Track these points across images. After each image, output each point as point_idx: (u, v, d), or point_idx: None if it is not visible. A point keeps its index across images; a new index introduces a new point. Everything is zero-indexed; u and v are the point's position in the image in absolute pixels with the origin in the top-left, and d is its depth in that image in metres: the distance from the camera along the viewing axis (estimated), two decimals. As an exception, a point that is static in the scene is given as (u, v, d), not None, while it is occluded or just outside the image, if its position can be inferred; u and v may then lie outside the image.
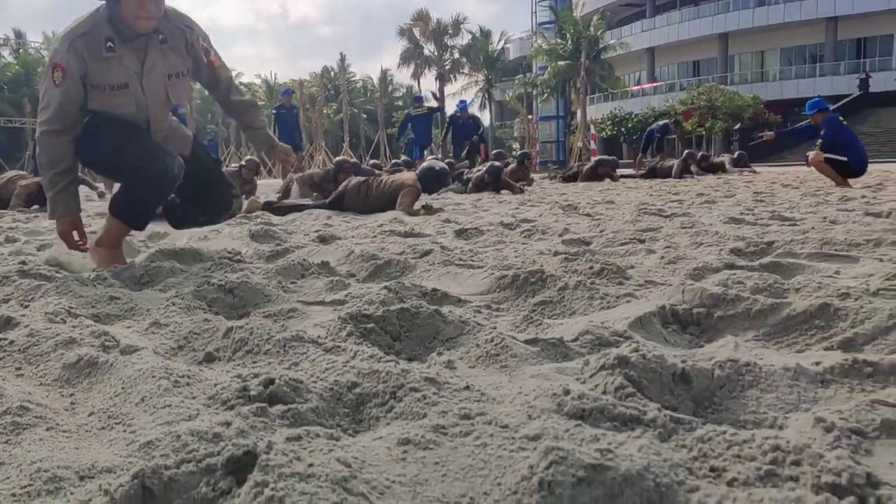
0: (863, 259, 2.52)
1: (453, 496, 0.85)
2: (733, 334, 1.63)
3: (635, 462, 0.79)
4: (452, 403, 1.11)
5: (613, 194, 8.36)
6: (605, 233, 3.78)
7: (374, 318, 1.65)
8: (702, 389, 1.21)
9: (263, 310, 1.97)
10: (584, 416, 1.03)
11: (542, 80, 40.30)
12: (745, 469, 0.81)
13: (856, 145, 8.79)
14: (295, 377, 1.18)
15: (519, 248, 3.28)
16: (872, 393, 1.17)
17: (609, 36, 40.12)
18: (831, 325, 1.58)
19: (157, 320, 1.73)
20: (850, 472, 0.73)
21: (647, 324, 1.69)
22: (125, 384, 1.21)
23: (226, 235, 4.09)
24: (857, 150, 8.71)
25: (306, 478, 0.79)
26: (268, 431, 1.01)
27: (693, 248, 3.04)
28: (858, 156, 8.66)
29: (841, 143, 8.67)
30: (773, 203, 5.88)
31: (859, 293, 1.77)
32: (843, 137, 8.80)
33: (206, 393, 1.16)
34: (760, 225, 4.05)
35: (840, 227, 3.62)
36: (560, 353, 1.49)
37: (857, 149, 8.74)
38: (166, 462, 0.85)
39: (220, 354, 1.49)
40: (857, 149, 8.74)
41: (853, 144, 8.75)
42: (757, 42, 42.25)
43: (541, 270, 2.22)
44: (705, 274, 2.30)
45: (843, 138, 8.79)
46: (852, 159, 8.55)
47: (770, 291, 1.93)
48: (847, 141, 8.76)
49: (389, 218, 5.29)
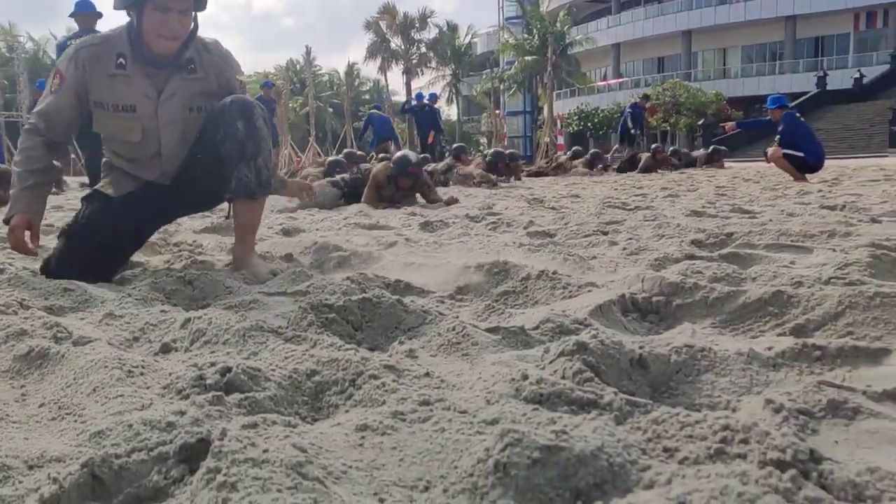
0: (817, 249, 2.57)
1: (410, 480, 0.85)
2: (691, 321, 1.66)
3: (589, 443, 0.80)
4: (412, 390, 1.11)
5: (579, 188, 8.43)
6: (568, 225, 3.81)
7: (336, 308, 1.64)
8: (659, 374, 1.23)
9: (224, 301, 1.94)
10: (542, 400, 1.04)
11: (509, 75, 40.45)
12: (696, 448, 0.83)
13: (813, 141, 8.99)
14: (253, 366, 1.17)
15: (484, 241, 3.29)
16: (820, 375, 1.20)
17: (575, 31, 40.42)
18: (784, 311, 1.61)
19: (112, 312, 1.70)
20: (795, 448, 0.75)
21: (608, 312, 1.71)
22: (77, 375, 1.19)
23: (186, 228, 4.04)
24: (815, 146, 8.91)
25: (260, 463, 0.78)
26: (223, 420, 1.00)
27: (655, 240, 3.08)
28: (815, 151, 8.86)
29: (798, 138, 8.87)
30: (734, 197, 5.98)
31: (812, 282, 1.81)
32: (801, 133, 9.00)
33: (161, 383, 1.15)
34: (721, 217, 4.12)
35: (797, 219, 3.70)
36: (521, 340, 1.50)
37: (815, 144, 8.95)
38: (117, 451, 0.83)
39: (176, 345, 1.47)
40: (815, 144, 8.95)
41: (810, 140, 8.95)
42: (719, 40, 42.89)
43: (505, 261, 2.23)
44: (666, 264, 2.33)
45: (801, 134, 8.98)
46: (809, 155, 8.74)
47: (727, 280, 1.96)
48: (804, 137, 8.96)
49: (355, 211, 5.26)
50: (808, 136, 9.00)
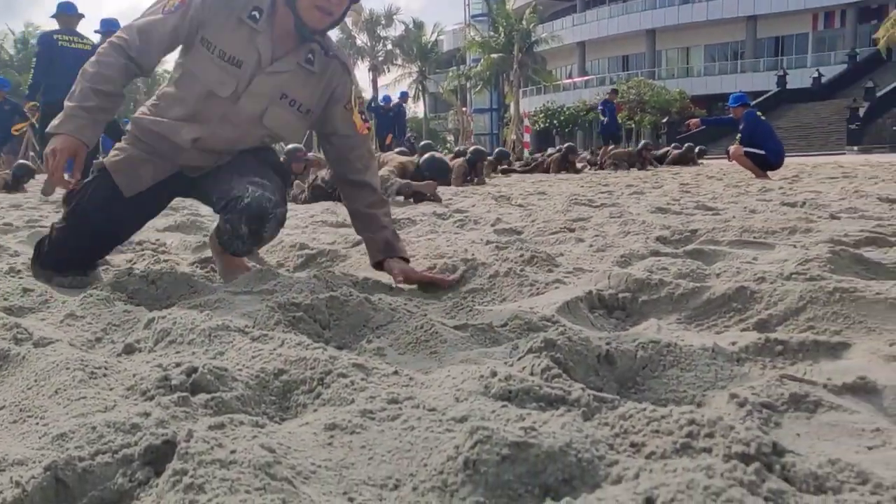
0: (778, 246, 2.63)
1: (379, 478, 0.85)
2: (657, 317, 1.68)
3: (558, 439, 0.80)
4: (381, 388, 1.11)
5: (546, 185, 8.48)
6: (536, 222, 3.83)
7: (303, 307, 1.63)
8: (625, 370, 1.25)
9: (188, 301, 1.91)
10: (511, 397, 1.05)
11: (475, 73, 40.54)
12: (663, 443, 0.84)
13: (773, 139, 9.18)
14: (219, 365, 1.15)
15: (451, 238, 3.29)
16: (782, 369, 1.23)
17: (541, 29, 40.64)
18: (748, 307, 1.64)
19: (74, 312, 1.67)
20: (758, 441, 0.76)
21: (575, 309, 1.73)
22: (38, 377, 1.16)
23: (149, 227, 3.97)
24: (775, 144, 9.10)
25: (228, 464, 0.77)
26: (189, 421, 0.99)
27: (621, 237, 3.11)
28: (776, 149, 9.05)
29: (759, 136, 9.05)
30: (698, 194, 6.07)
31: (774, 277, 1.84)
32: (761, 132, 9.18)
33: (125, 384, 1.13)
34: (685, 214, 4.18)
35: (759, 216, 3.77)
36: (489, 338, 1.51)
37: (775, 142, 9.13)
38: (80, 454, 0.82)
39: (140, 346, 1.45)
40: (775, 142, 9.13)
41: (771, 138, 9.14)
42: (682, 39, 43.53)
43: (472, 258, 2.24)
44: (632, 261, 2.36)
45: (761, 132, 9.17)
46: (770, 152, 8.93)
47: (692, 276, 1.99)
48: (765, 135, 9.15)
49: (321, 209, 5.23)
50: (768, 135, 9.19)
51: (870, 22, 37.38)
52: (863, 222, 3.27)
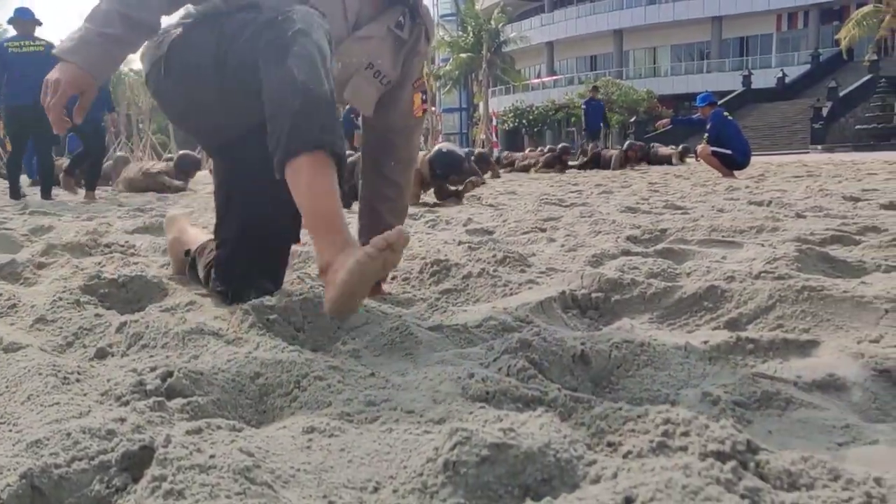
0: (746, 244, 2.67)
1: (359, 481, 0.85)
2: (629, 317, 1.70)
3: (536, 440, 0.81)
4: (358, 391, 1.11)
5: (516, 185, 8.52)
6: (507, 222, 3.85)
7: (277, 309, 1.62)
8: (600, 370, 1.26)
9: (160, 304, 1.89)
10: (488, 398, 1.05)
11: (444, 72, 40.55)
12: (640, 442, 0.85)
13: (740, 138, 9.33)
14: (195, 369, 1.15)
15: (423, 238, 3.29)
16: (754, 367, 1.25)
17: (510, 29, 40.85)
18: (718, 306, 1.67)
19: (44, 317, 1.64)
20: (733, 439, 0.78)
21: (548, 309, 1.74)
22: (9, 383, 1.14)
23: (117, 228, 3.91)
24: (741, 144, 9.25)
25: (207, 469, 0.77)
26: (166, 426, 0.98)
27: (592, 237, 3.14)
28: (742, 149, 9.20)
29: (726, 136, 9.20)
30: (667, 193, 6.15)
31: (743, 276, 1.88)
32: (728, 131, 9.33)
33: (99, 389, 1.11)
34: (655, 214, 4.23)
35: (727, 215, 3.83)
36: (464, 338, 1.51)
37: (741, 142, 9.29)
38: (56, 461, 0.81)
39: (113, 350, 1.43)
40: (741, 142, 9.29)
41: (737, 137, 9.29)
42: (649, 39, 44.03)
43: (445, 259, 2.24)
44: (603, 260, 2.38)
45: (728, 132, 9.32)
46: (737, 152, 9.07)
47: (663, 276, 2.02)
48: (731, 134, 9.30)
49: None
50: (734, 134, 9.34)
51: (832, 23, 38.17)
52: (828, 221, 3.34)
